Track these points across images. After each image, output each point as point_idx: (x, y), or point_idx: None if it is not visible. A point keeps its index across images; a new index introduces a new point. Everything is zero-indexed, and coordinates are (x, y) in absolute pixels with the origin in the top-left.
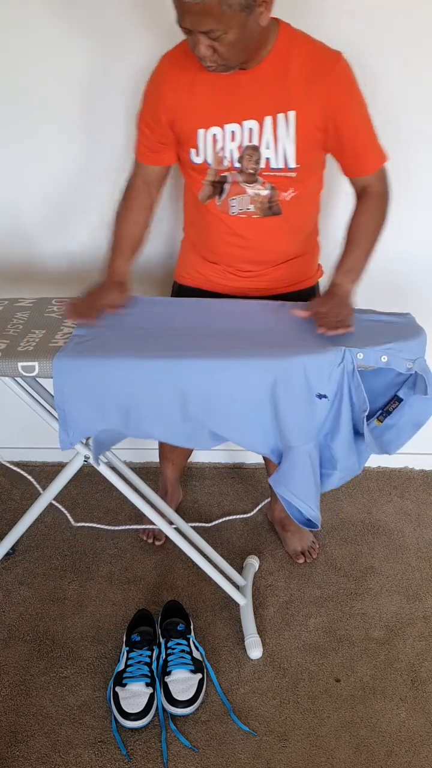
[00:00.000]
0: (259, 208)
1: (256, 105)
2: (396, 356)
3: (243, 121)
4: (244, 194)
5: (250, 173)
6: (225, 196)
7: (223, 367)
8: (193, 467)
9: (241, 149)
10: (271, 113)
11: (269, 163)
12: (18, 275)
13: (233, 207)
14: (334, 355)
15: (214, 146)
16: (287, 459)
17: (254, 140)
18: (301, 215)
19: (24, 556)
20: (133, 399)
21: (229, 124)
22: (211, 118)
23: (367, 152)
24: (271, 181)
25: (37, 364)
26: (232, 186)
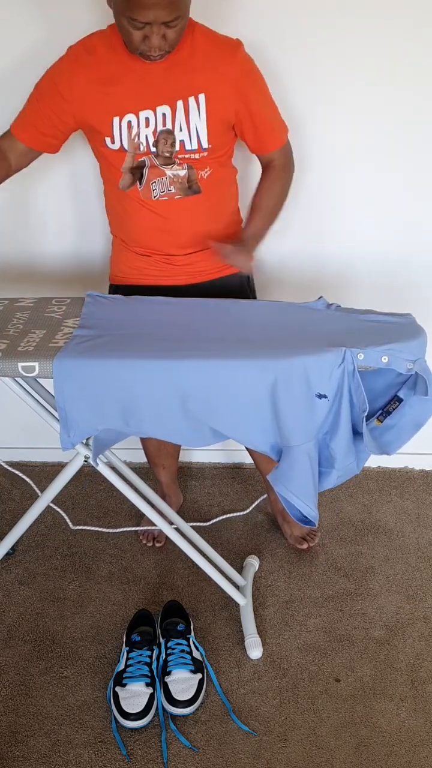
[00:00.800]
0: (179, 188)
1: (167, 90)
2: (396, 357)
3: (156, 107)
4: (164, 176)
5: (166, 156)
6: (145, 180)
7: (224, 367)
8: (192, 467)
9: (156, 134)
10: (181, 97)
11: (184, 145)
12: (18, 275)
13: (155, 190)
14: (335, 356)
15: (129, 133)
16: (287, 457)
17: (168, 124)
18: (220, 194)
19: (24, 556)
20: (134, 399)
21: (143, 111)
22: (125, 106)
23: (274, 130)
24: (187, 162)
25: (38, 365)
26: (151, 169)
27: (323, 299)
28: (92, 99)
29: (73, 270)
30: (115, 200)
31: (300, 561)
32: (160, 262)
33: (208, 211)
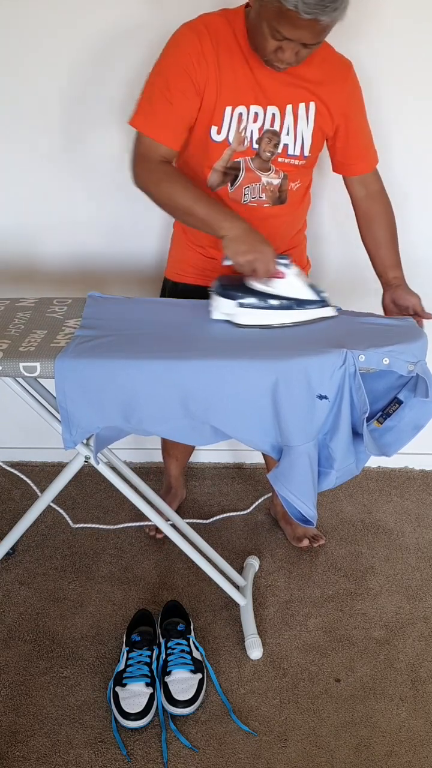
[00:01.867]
0: (269, 197)
1: (278, 93)
2: (397, 359)
3: (267, 105)
4: (258, 182)
5: (266, 158)
6: (239, 183)
7: (225, 368)
8: (193, 467)
9: (262, 131)
10: (292, 102)
11: (287, 149)
12: (19, 275)
13: (246, 194)
14: (336, 357)
15: (239, 125)
16: (287, 457)
17: (276, 125)
18: (300, 206)
19: (24, 556)
20: (135, 398)
21: (254, 105)
22: (239, 97)
23: (370, 151)
24: (284, 169)
25: (39, 365)
26: (247, 173)
27: None
28: (211, 83)
29: (74, 270)
30: None
31: (300, 561)
32: (229, 271)
33: (285, 222)
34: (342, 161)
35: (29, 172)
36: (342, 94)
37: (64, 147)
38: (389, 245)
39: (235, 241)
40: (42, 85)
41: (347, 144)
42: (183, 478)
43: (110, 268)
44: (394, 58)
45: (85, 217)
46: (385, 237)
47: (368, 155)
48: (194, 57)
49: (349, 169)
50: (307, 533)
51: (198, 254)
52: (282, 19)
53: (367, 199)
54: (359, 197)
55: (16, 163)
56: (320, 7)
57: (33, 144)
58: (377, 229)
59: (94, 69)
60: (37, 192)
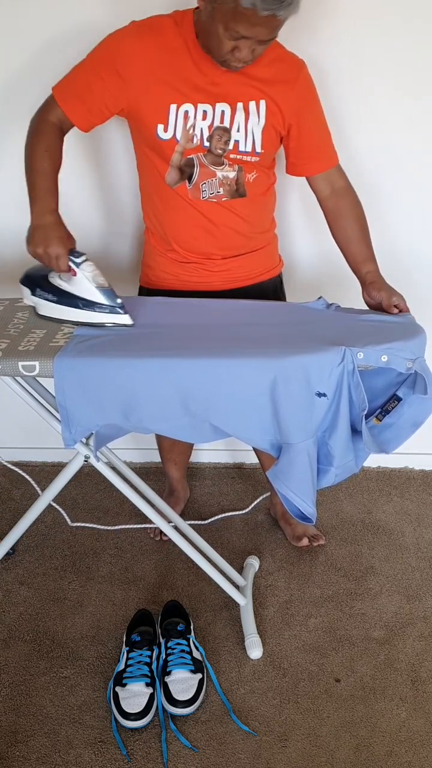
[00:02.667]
0: (227, 190)
1: (228, 91)
2: (396, 356)
3: (216, 103)
4: (214, 177)
5: (217, 154)
6: (195, 179)
7: (224, 366)
8: (193, 467)
9: (212, 128)
10: (243, 100)
11: (238, 145)
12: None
13: (204, 191)
14: (335, 355)
15: (185, 123)
16: (286, 455)
17: (225, 122)
18: (263, 199)
19: (24, 556)
20: (134, 397)
21: (201, 104)
22: (184, 95)
23: (325, 150)
24: (237, 163)
25: (38, 364)
26: (201, 169)
27: (323, 299)
28: (151, 81)
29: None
30: (158, 197)
31: (300, 561)
32: (198, 268)
33: (250, 215)
34: (294, 161)
35: None
36: (293, 93)
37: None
38: (360, 240)
39: (34, 229)
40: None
41: (300, 143)
42: (185, 479)
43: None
44: (358, 54)
45: (85, 217)
46: (354, 232)
47: (323, 155)
48: (130, 51)
49: (301, 169)
50: (307, 532)
51: (169, 259)
52: (238, 18)
53: (333, 196)
54: (325, 195)
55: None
56: (277, 3)
57: None
58: (346, 224)
59: None
60: None
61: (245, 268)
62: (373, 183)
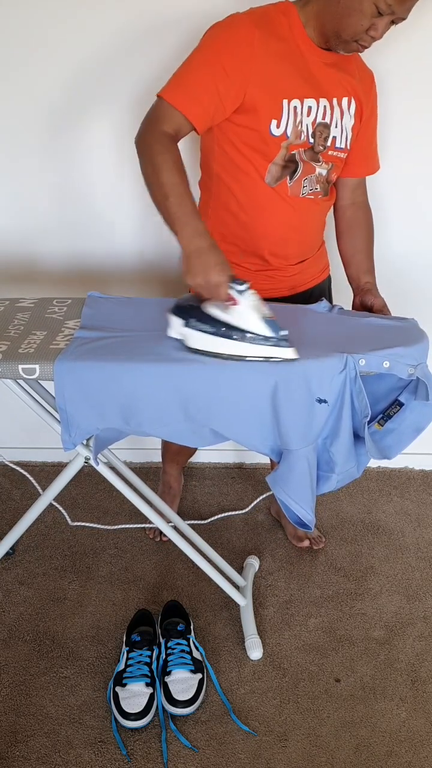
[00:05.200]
0: (322, 187)
1: (327, 86)
2: (398, 362)
3: (319, 98)
4: (314, 173)
5: (319, 150)
6: (298, 175)
7: (224, 372)
8: (193, 467)
9: (315, 125)
10: (338, 96)
11: (335, 141)
12: (19, 275)
13: (305, 187)
14: (336, 362)
15: (295, 119)
16: (286, 461)
17: (326, 118)
18: (333, 200)
19: (24, 556)
20: (135, 401)
21: (307, 99)
22: (293, 90)
23: (375, 157)
24: (330, 160)
25: (38, 367)
26: (304, 165)
27: (325, 302)
28: (267, 75)
29: (74, 270)
30: (248, 196)
31: (300, 561)
32: (273, 275)
33: (324, 215)
34: (351, 160)
35: (29, 173)
36: (370, 95)
37: (64, 147)
38: (366, 252)
39: (190, 257)
40: (40, 86)
41: (363, 144)
42: (181, 476)
43: (110, 268)
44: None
45: (85, 217)
46: (363, 244)
47: (373, 161)
48: (242, 46)
49: (354, 169)
50: (309, 534)
51: (243, 269)
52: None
53: (352, 206)
54: (344, 204)
55: (16, 163)
56: None
57: (33, 144)
58: (357, 236)
59: (97, 70)
60: (37, 192)
61: (310, 270)
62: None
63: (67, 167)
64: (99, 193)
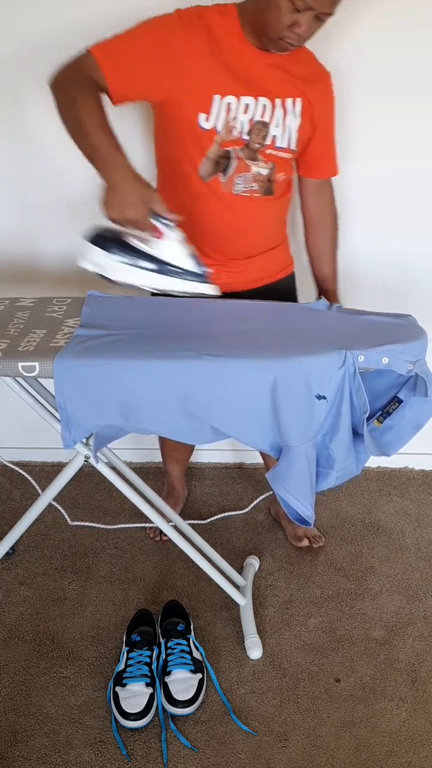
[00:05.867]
0: (260, 186)
1: (269, 86)
2: (397, 358)
3: (258, 97)
4: (249, 172)
5: (255, 148)
6: (231, 172)
7: (224, 368)
8: (193, 467)
9: (252, 123)
10: (281, 96)
11: (275, 140)
12: (19, 274)
13: (238, 185)
14: (336, 358)
15: (227, 115)
16: (285, 457)
17: (266, 116)
18: (285, 200)
19: (24, 556)
20: (134, 399)
21: (245, 96)
22: (228, 86)
23: (334, 158)
24: (271, 159)
25: (38, 365)
26: (238, 162)
27: (324, 300)
28: (197, 68)
29: (73, 269)
30: (187, 192)
31: (300, 561)
32: (220, 271)
33: (274, 214)
34: (308, 160)
35: (29, 172)
36: (324, 95)
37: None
38: (329, 256)
39: (109, 190)
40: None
41: (318, 146)
42: (184, 478)
43: None
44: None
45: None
46: (326, 248)
47: (333, 161)
48: (179, 37)
49: (312, 170)
50: (308, 533)
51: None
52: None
53: (317, 207)
54: (310, 205)
55: (16, 163)
56: None
57: (33, 144)
58: (321, 238)
59: None
60: (37, 192)
61: (264, 268)
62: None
63: (66, 167)
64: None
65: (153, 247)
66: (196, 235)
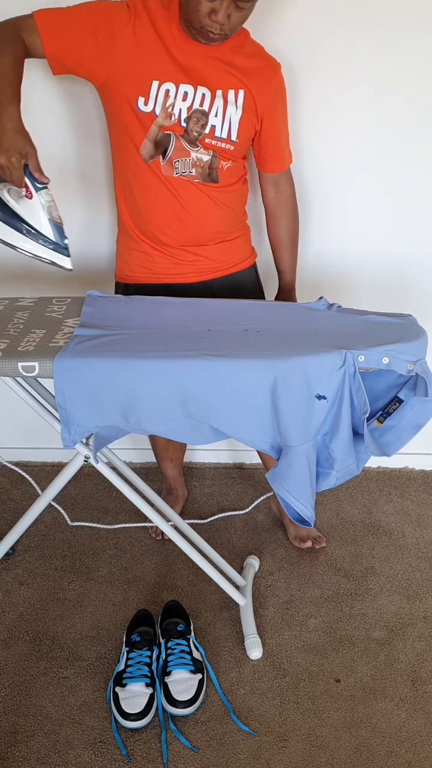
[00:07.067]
0: (199, 173)
1: (210, 76)
2: (397, 358)
3: (198, 86)
4: (188, 157)
5: (193, 136)
6: (169, 155)
7: (224, 368)
8: (193, 467)
9: (190, 110)
10: (222, 87)
11: (214, 130)
12: (18, 274)
13: (177, 168)
14: (336, 358)
15: (165, 100)
16: (285, 457)
17: (205, 106)
18: (235, 188)
19: (24, 556)
20: (134, 398)
21: (183, 84)
22: (167, 73)
23: (285, 152)
24: (211, 148)
25: (38, 365)
26: (176, 146)
27: (324, 299)
28: (138, 54)
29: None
30: (132, 174)
31: (300, 561)
32: (171, 258)
33: (222, 203)
34: (258, 156)
35: None
36: (268, 88)
37: (64, 147)
38: (288, 249)
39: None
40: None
41: (266, 140)
42: (182, 477)
43: (109, 268)
44: (314, 60)
45: (85, 216)
46: (286, 240)
47: (283, 156)
48: (123, 20)
49: (263, 165)
50: (310, 534)
51: (142, 250)
52: None
53: (275, 200)
54: (269, 197)
55: None
56: None
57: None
58: (280, 231)
59: None
60: None
61: (217, 260)
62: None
63: (66, 167)
64: (99, 193)
65: (20, 205)
66: (144, 220)
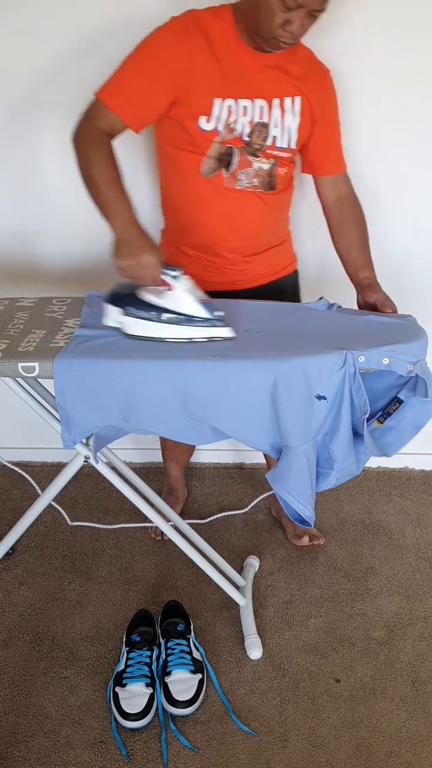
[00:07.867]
0: (261, 182)
1: (264, 86)
2: (397, 358)
3: (254, 99)
4: (250, 167)
5: (255, 149)
6: (233, 168)
7: (224, 368)
8: (193, 467)
9: (252, 124)
10: (279, 96)
11: (275, 141)
12: (18, 274)
13: (241, 180)
14: (336, 358)
15: (228, 117)
16: (285, 457)
17: (264, 118)
18: (287, 193)
19: (24, 556)
20: (134, 399)
21: (242, 99)
22: (226, 90)
23: (341, 153)
24: (272, 157)
25: (38, 365)
26: (240, 159)
27: (324, 300)
28: (197, 74)
29: (73, 269)
30: (188, 188)
31: (300, 561)
32: (225, 269)
33: (275, 209)
34: (313, 160)
35: (29, 172)
36: (322, 92)
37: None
38: (361, 247)
39: (121, 243)
40: (44, 86)
41: (322, 143)
42: (184, 478)
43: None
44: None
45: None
46: (357, 239)
47: (340, 157)
48: (176, 48)
49: (320, 168)
50: (308, 531)
51: (191, 261)
52: None
53: (338, 202)
54: (330, 201)
55: (16, 163)
56: None
57: (33, 144)
58: (349, 232)
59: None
60: (37, 192)
61: (265, 265)
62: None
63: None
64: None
65: (165, 300)
66: (201, 236)
